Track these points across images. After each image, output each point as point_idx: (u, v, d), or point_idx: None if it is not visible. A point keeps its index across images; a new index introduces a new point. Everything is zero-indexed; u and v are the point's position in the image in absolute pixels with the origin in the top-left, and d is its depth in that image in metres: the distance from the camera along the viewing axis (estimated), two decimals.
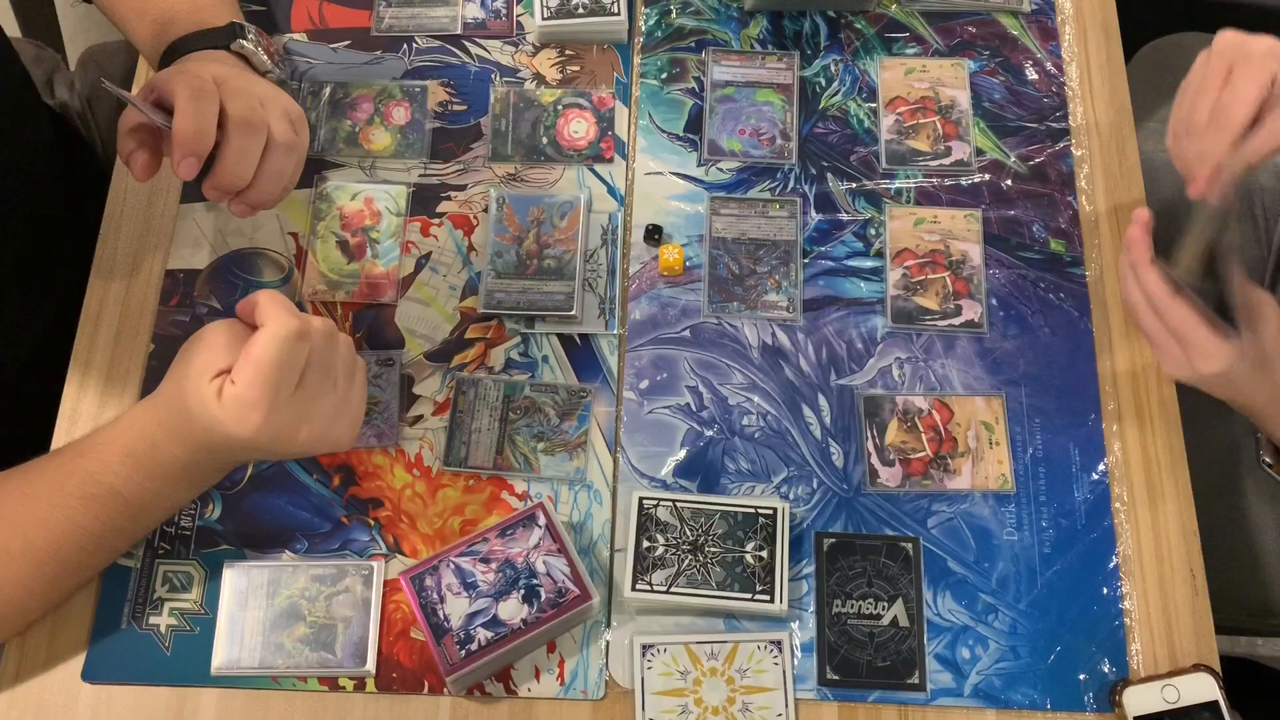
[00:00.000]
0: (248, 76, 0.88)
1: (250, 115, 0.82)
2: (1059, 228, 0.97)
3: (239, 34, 0.91)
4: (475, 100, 1.02)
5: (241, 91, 0.83)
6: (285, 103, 0.87)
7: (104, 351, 0.92)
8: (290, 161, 0.85)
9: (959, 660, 0.83)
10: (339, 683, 0.82)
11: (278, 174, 0.85)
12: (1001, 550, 0.86)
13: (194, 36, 0.91)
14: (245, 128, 0.81)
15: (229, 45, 0.91)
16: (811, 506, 0.88)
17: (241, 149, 0.82)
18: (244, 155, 0.82)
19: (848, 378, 0.92)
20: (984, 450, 0.89)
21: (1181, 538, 0.87)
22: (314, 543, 0.86)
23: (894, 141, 1.00)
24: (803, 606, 0.84)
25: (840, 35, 1.05)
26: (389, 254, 0.96)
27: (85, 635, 0.84)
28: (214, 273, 0.96)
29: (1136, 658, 0.83)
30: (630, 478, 0.89)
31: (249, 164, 0.82)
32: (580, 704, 0.82)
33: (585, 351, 0.93)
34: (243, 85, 0.84)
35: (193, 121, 0.79)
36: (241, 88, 0.84)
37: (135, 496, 0.78)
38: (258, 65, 0.92)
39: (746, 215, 0.97)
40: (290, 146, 0.85)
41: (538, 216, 0.96)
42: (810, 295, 0.95)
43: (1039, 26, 1.06)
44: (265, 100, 0.85)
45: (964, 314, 0.94)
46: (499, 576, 0.81)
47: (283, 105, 0.86)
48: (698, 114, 1.02)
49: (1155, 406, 0.91)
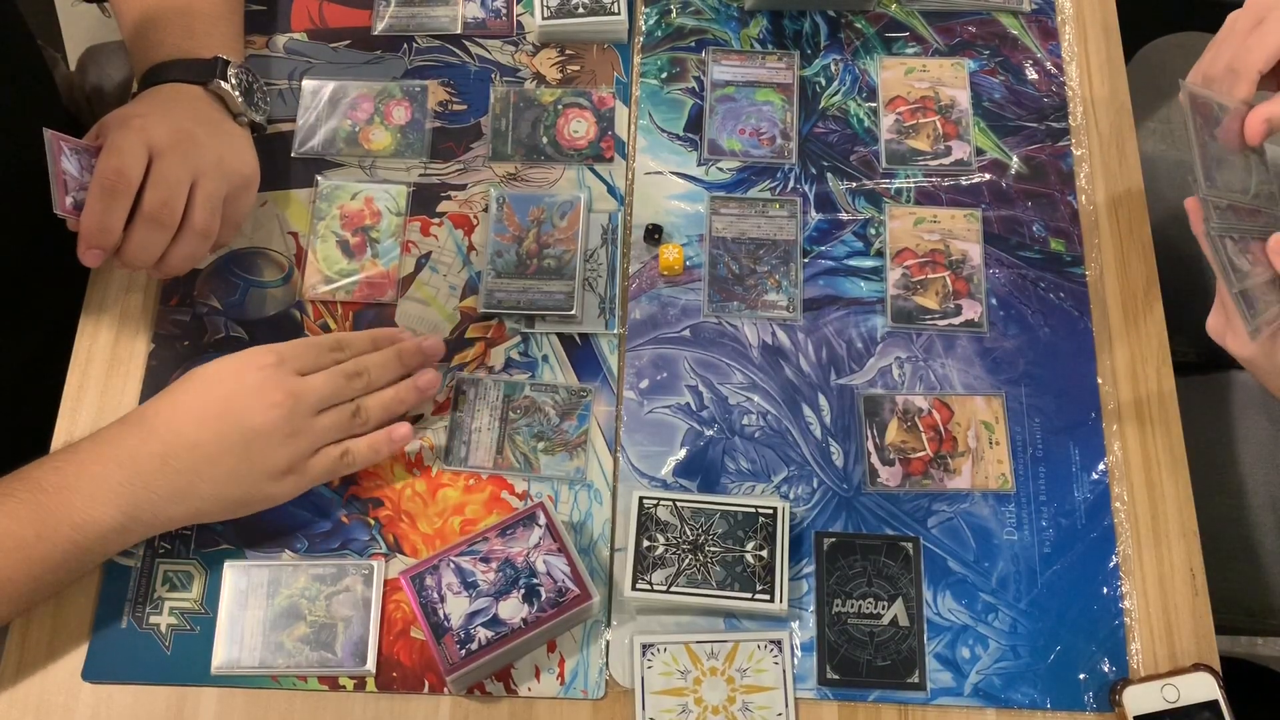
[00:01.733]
0: (195, 143, 0.86)
1: (159, 212, 0.82)
2: (1059, 227, 0.97)
3: (219, 73, 0.91)
4: (475, 100, 1.02)
5: (164, 179, 0.82)
6: (221, 180, 0.86)
7: (104, 351, 0.92)
8: (204, 247, 0.86)
9: (959, 660, 0.83)
10: (339, 682, 0.82)
11: (187, 257, 0.86)
12: (1001, 550, 0.86)
13: (174, 66, 0.91)
14: (152, 223, 0.82)
15: (206, 83, 0.91)
16: (811, 506, 0.88)
17: (143, 242, 0.82)
18: (146, 248, 0.83)
19: (848, 377, 0.92)
20: (984, 450, 0.89)
21: (1181, 538, 0.87)
22: (314, 542, 0.86)
23: (894, 141, 1.00)
24: (803, 606, 0.84)
25: (840, 35, 1.05)
26: (389, 254, 0.96)
27: (85, 634, 0.84)
28: (214, 272, 0.95)
29: (1136, 657, 0.83)
30: (630, 477, 0.89)
31: (151, 254, 0.83)
32: (580, 703, 0.82)
33: (585, 351, 0.93)
34: (174, 165, 0.83)
35: (98, 220, 0.80)
36: (168, 172, 0.82)
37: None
38: (232, 108, 0.92)
39: (746, 215, 0.97)
40: (204, 234, 0.85)
41: (538, 216, 0.96)
42: (810, 295, 0.95)
43: (1039, 26, 1.06)
44: (200, 177, 0.84)
45: (964, 314, 0.94)
46: (499, 576, 0.81)
47: (213, 188, 0.85)
48: (698, 114, 1.02)
49: (1155, 406, 0.91)
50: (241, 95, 0.93)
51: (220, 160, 0.87)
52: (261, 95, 0.96)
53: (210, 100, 0.91)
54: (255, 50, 1.04)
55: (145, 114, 0.86)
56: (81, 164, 0.82)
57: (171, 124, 0.85)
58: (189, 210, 0.84)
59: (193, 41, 0.92)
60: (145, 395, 0.91)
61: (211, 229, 0.86)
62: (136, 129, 0.83)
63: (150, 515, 0.79)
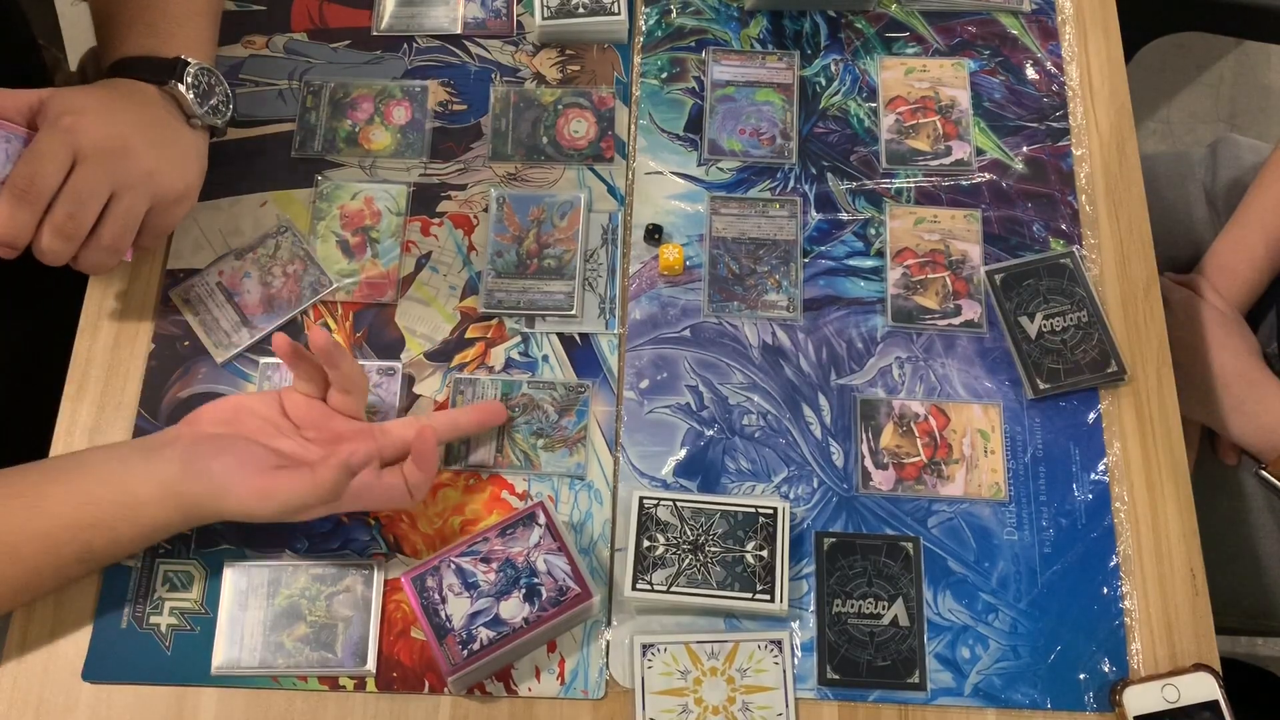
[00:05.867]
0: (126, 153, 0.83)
1: (63, 224, 0.80)
2: (1059, 228, 0.97)
3: (177, 74, 0.88)
4: (475, 100, 1.02)
5: (78, 192, 0.80)
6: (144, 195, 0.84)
7: (104, 352, 0.92)
8: (110, 260, 0.85)
9: (959, 660, 0.83)
10: (339, 682, 0.82)
11: (93, 265, 0.84)
12: (1001, 550, 0.86)
13: (134, 63, 0.89)
14: (56, 233, 0.80)
15: (164, 83, 0.88)
16: (812, 506, 0.88)
17: (48, 247, 0.81)
18: (51, 253, 0.82)
19: (848, 377, 0.92)
20: (979, 458, 0.89)
21: (1181, 538, 0.87)
22: (314, 542, 0.86)
23: (894, 141, 1.00)
24: (803, 606, 0.84)
25: (840, 35, 1.05)
26: (389, 254, 0.96)
27: (85, 634, 0.83)
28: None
29: (1136, 657, 0.83)
30: (630, 477, 0.89)
31: (57, 259, 0.82)
32: (580, 703, 0.82)
33: (585, 351, 0.93)
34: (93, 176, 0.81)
35: (5, 223, 0.79)
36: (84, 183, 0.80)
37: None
38: (186, 109, 0.90)
39: (746, 215, 0.97)
40: (110, 250, 0.84)
41: (538, 216, 0.96)
42: (810, 295, 0.95)
43: (1039, 26, 1.06)
44: (121, 190, 0.82)
45: (964, 314, 0.94)
46: (500, 576, 0.81)
47: (130, 203, 0.83)
48: (698, 114, 1.02)
49: (1155, 406, 0.91)
50: (199, 98, 0.90)
51: (149, 175, 0.84)
52: (223, 99, 0.93)
53: (164, 101, 0.89)
54: (255, 50, 1.04)
55: (82, 110, 0.82)
56: (8, 153, 0.80)
57: (107, 128, 0.83)
58: (99, 224, 0.82)
59: (156, 40, 0.90)
60: (145, 395, 0.91)
61: (120, 245, 0.84)
62: (64, 129, 0.80)
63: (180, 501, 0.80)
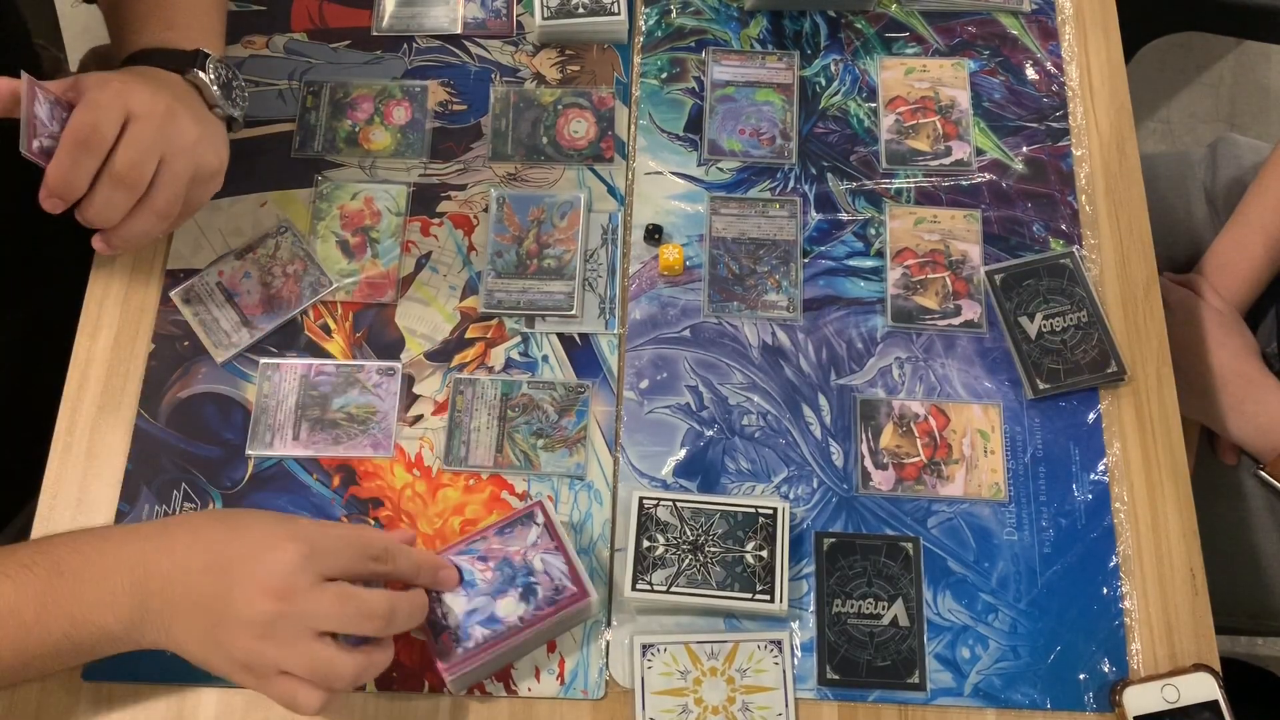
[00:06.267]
0: (173, 117, 0.84)
1: (128, 173, 0.80)
2: (1059, 228, 0.97)
3: (199, 63, 0.89)
4: (475, 100, 1.02)
5: (137, 142, 0.81)
6: (190, 162, 0.84)
7: (104, 352, 0.92)
8: (159, 228, 0.85)
9: (959, 660, 0.83)
10: None
11: (141, 234, 0.84)
12: (1001, 550, 0.86)
13: (154, 54, 0.89)
14: (118, 183, 0.80)
15: (185, 72, 0.89)
16: (811, 506, 0.88)
17: (107, 200, 0.81)
18: (108, 208, 0.81)
19: (848, 377, 0.92)
20: (979, 458, 0.89)
21: (1181, 538, 0.87)
22: None
23: (894, 141, 1.00)
24: (803, 606, 0.84)
25: (840, 35, 1.05)
26: (389, 254, 0.96)
27: None
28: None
29: (1136, 657, 0.83)
30: (630, 477, 0.89)
31: (112, 216, 0.82)
32: (580, 703, 0.82)
33: (585, 351, 0.93)
34: (149, 132, 0.81)
35: (65, 170, 0.79)
36: (142, 136, 0.81)
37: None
38: (208, 98, 0.90)
39: (746, 215, 0.97)
40: (162, 215, 0.84)
41: (538, 216, 0.97)
42: (810, 295, 0.95)
43: (1039, 26, 1.06)
44: (171, 154, 0.83)
45: (963, 314, 0.94)
46: (497, 575, 0.81)
47: (181, 169, 0.83)
48: (698, 114, 1.02)
49: (1155, 406, 0.91)
50: (219, 89, 0.90)
51: (195, 143, 0.85)
52: (240, 92, 0.94)
53: (188, 88, 0.89)
54: (255, 50, 1.04)
55: (127, 80, 0.83)
56: (53, 114, 0.80)
57: (154, 94, 0.83)
58: (152, 187, 0.82)
59: (173, 32, 0.91)
60: (145, 395, 0.91)
61: (171, 210, 0.84)
62: (116, 90, 0.81)
63: (139, 635, 0.75)
